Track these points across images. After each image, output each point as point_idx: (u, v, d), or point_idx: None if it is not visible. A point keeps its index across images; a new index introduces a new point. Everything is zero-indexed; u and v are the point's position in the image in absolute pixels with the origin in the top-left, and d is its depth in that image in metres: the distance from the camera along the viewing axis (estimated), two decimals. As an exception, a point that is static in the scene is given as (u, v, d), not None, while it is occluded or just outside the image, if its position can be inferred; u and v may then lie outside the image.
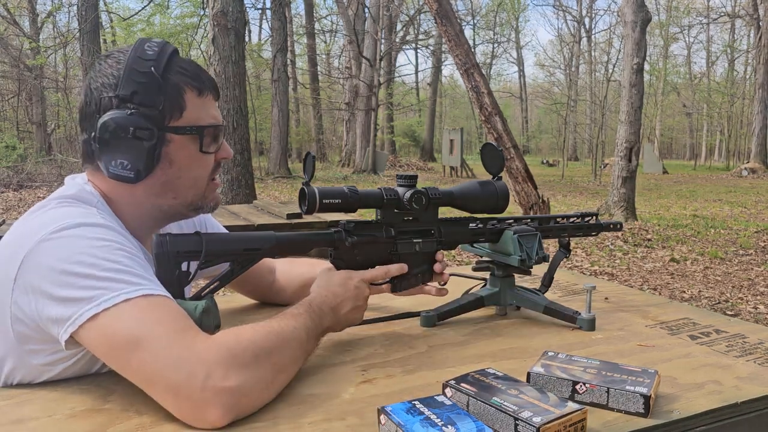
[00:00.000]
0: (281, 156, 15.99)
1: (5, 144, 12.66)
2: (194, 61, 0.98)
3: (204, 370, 0.74)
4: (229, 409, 0.75)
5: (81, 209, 0.88)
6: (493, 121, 6.59)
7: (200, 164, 0.96)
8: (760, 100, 20.92)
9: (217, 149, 0.99)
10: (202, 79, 0.95)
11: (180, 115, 0.92)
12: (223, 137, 1.00)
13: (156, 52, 0.91)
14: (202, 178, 0.97)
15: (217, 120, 0.98)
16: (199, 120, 0.94)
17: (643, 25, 7.99)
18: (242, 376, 0.76)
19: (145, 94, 0.89)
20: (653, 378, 0.84)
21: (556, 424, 0.71)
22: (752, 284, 4.92)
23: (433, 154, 28.12)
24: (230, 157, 1.02)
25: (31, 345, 0.84)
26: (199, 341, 0.78)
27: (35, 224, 0.84)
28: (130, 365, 0.77)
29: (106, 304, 0.77)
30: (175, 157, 0.93)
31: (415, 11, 25.66)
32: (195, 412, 0.74)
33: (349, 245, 1.04)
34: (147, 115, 0.89)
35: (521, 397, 0.76)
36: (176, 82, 0.91)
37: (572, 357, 0.91)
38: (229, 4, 7.17)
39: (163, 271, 0.89)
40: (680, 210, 9.96)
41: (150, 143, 0.89)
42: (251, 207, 3.36)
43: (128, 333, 0.76)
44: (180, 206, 0.97)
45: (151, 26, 16.72)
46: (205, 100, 0.96)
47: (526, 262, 1.15)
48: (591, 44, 34.45)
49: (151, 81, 0.89)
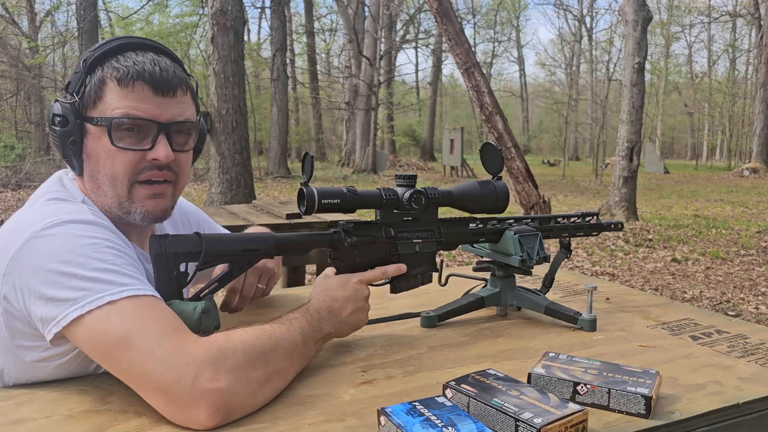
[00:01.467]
0: (280, 156, 15.98)
1: (3, 144, 12.66)
2: (150, 58, 0.91)
3: (193, 370, 0.74)
4: (218, 409, 0.74)
5: (70, 206, 0.88)
6: (494, 120, 6.58)
7: (114, 160, 0.89)
8: (761, 99, 20.90)
9: (146, 148, 0.90)
10: (132, 70, 0.88)
11: (95, 105, 0.90)
12: (161, 136, 0.90)
13: (100, 44, 0.92)
14: (119, 177, 0.90)
15: (141, 113, 0.88)
16: (114, 111, 0.88)
17: (644, 24, 7.99)
18: (232, 377, 0.76)
19: (74, 83, 0.91)
20: (654, 379, 0.84)
21: (557, 425, 0.70)
22: (754, 284, 4.91)
23: (434, 153, 28.12)
24: (162, 161, 0.90)
25: (23, 341, 0.85)
26: (188, 341, 0.77)
27: (25, 221, 0.85)
28: (120, 365, 0.77)
29: (91, 306, 0.77)
30: (92, 150, 0.91)
31: (416, 10, 25.67)
32: (183, 412, 0.74)
33: (349, 246, 1.04)
34: (68, 103, 0.90)
35: (522, 398, 0.76)
36: (102, 73, 0.90)
37: (573, 358, 0.91)
38: (228, 3, 7.17)
39: (162, 272, 0.89)
40: (681, 210, 9.95)
41: (64, 130, 0.90)
42: (250, 207, 3.36)
43: (117, 333, 0.76)
44: (111, 206, 0.92)
45: (150, 25, 16.70)
46: (128, 91, 0.88)
47: (526, 263, 1.15)
48: (592, 43, 34.44)
49: (79, 70, 0.91)
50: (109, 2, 19.97)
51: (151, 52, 0.93)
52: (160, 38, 15.64)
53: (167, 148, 0.91)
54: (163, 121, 0.91)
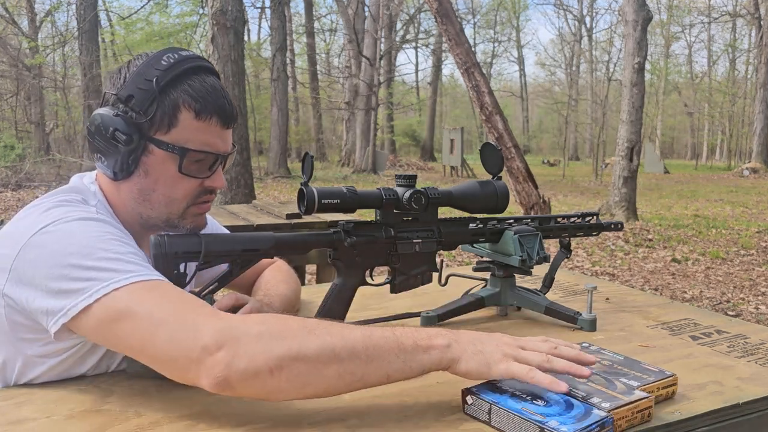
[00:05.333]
0: (280, 156, 15.98)
1: (4, 144, 12.65)
2: (216, 87, 0.93)
3: (196, 338, 0.73)
4: (220, 381, 0.72)
5: (78, 209, 0.89)
6: (494, 120, 6.58)
7: (177, 185, 0.93)
8: (761, 99, 20.89)
9: (205, 176, 0.95)
10: (208, 103, 0.91)
11: (167, 130, 0.90)
12: (219, 166, 0.96)
13: (169, 63, 0.90)
14: (177, 200, 0.94)
15: (212, 148, 0.93)
16: (187, 142, 0.91)
17: (644, 24, 7.99)
18: (233, 351, 0.72)
19: (140, 100, 0.89)
20: (661, 378, 0.84)
21: (624, 410, 0.74)
22: (754, 284, 4.91)
23: (434, 153, 28.11)
24: (220, 188, 0.97)
25: (23, 333, 0.86)
26: (200, 312, 0.76)
27: (31, 219, 0.86)
28: (125, 336, 0.77)
29: (98, 294, 0.77)
30: (152, 170, 0.92)
31: (416, 10, 25.66)
32: (187, 378, 0.75)
33: (349, 246, 1.04)
34: (133, 121, 0.89)
35: (588, 385, 0.80)
36: (175, 98, 0.90)
37: (602, 350, 0.94)
38: (229, 2, 7.17)
39: (162, 272, 0.89)
40: (681, 210, 9.95)
41: (126, 148, 0.89)
42: (250, 207, 3.36)
43: (123, 307, 0.77)
44: (156, 219, 0.96)
45: (150, 25, 16.70)
46: (204, 125, 0.92)
47: (526, 263, 1.15)
48: (592, 43, 34.40)
49: (149, 89, 0.89)
50: (109, 2, 19.98)
51: (212, 76, 0.95)
52: (161, 38, 15.65)
53: (222, 177, 0.97)
54: (224, 152, 0.96)
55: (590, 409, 0.73)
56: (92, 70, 13.57)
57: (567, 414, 0.71)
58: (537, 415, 0.71)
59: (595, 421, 0.70)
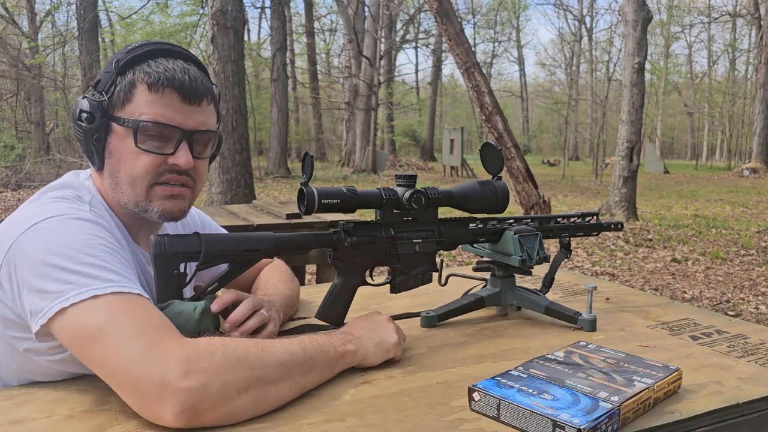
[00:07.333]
0: (280, 156, 15.98)
1: (4, 144, 12.65)
2: (179, 65, 0.94)
3: (163, 367, 0.72)
4: (185, 410, 0.71)
5: (72, 204, 0.90)
6: (494, 120, 6.58)
7: (137, 161, 0.92)
8: (761, 99, 20.89)
9: (167, 152, 0.92)
10: (163, 77, 0.91)
11: (123, 106, 0.92)
12: (184, 143, 0.93)
13: (132, 47, 0.94)
14: (139, 178, 0.93)
15: (167, 120, 0.91)
16: (141, 114, 0.91)
17: (644, 24, 7.99)
18: (204, 378, 0.72)
19: (104, 82, 0.93)
20: (668, 374, 0.85)
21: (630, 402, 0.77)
22: (754, 284, 4.91)
23: (434, 153, 28.11)
24: (183, 167, 0.94)
25: (14, 331, 0.86)
26: (167, 340, 0.76)
27: (25, 215, 0.87)
28: (95, 358, 0.77)
29: (74, 299, 0.77)
30: (114, 150, 0.94)
31: (416, 10, 25.65)
32: (150, 409, 0.73)
33: (349, 246, 1.04)
34: (97, 101, 0.92)
35: (592, 380, 0.81)
36: (133, 76, 0.92)
37: (601, 348, 0.95)
38: (229, 2, 7.16)
39: (162, 272, 0.89)
40: (681, 210, 9.95)
41: (90, 126, 0.92)
42: (250, 207, 3.36)
43: (95, 325, 0.76)
44: (128, 204, 0.95)
45: (150, 25, 16.70)
46: (157, 97, 0.91)
47: (526, 263, 1.15)
48: (592, 43, 34.39)
49: (110, 70, 0.93)
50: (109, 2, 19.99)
51: (180, 60, 0.96)
52: (161, 38, 15.63)
53: (188, 155, 0.94)
54: (187, 128, 0.94)
55: (596, 402, 0.75)
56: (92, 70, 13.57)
57: (575, 407, 0.73)
58: (548, 408, 0.73)
59: (603, 413, 0.72)
